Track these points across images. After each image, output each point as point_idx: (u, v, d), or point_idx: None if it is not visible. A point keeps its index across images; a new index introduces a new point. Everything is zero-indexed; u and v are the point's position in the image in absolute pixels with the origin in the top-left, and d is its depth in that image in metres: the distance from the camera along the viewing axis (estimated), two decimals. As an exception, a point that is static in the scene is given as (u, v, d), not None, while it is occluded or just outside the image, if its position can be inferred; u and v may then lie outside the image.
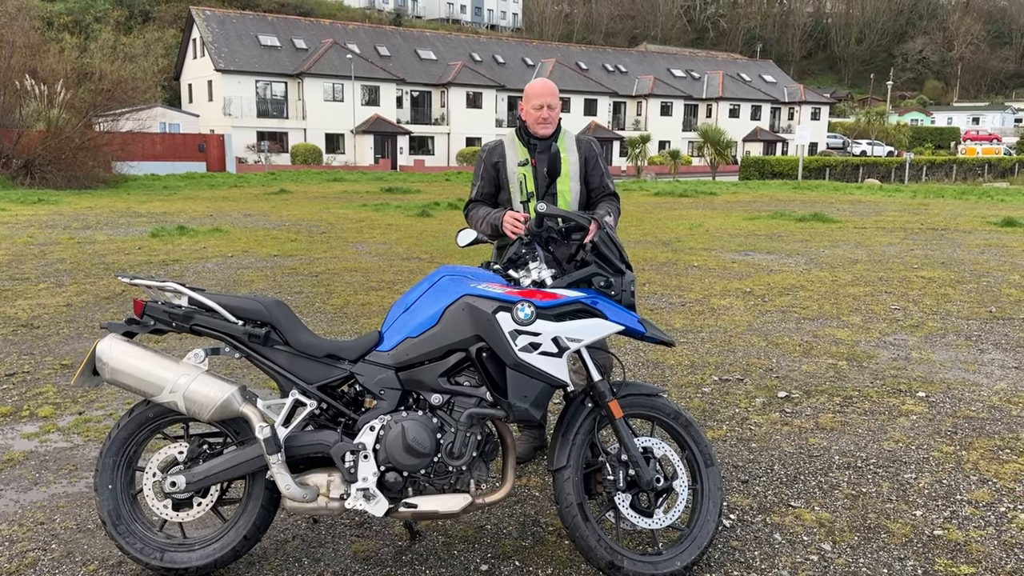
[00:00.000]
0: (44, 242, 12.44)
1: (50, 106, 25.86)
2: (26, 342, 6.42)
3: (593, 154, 3.86)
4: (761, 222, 16.47)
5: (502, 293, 2.94)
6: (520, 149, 3.81)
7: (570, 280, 3.06)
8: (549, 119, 3.73)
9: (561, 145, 3.81)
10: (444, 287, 3.02)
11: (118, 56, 47.21)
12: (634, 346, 6.48)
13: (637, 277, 9.54)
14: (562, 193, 3.78)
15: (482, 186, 3.88)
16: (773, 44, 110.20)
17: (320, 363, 3.01)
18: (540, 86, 3.76)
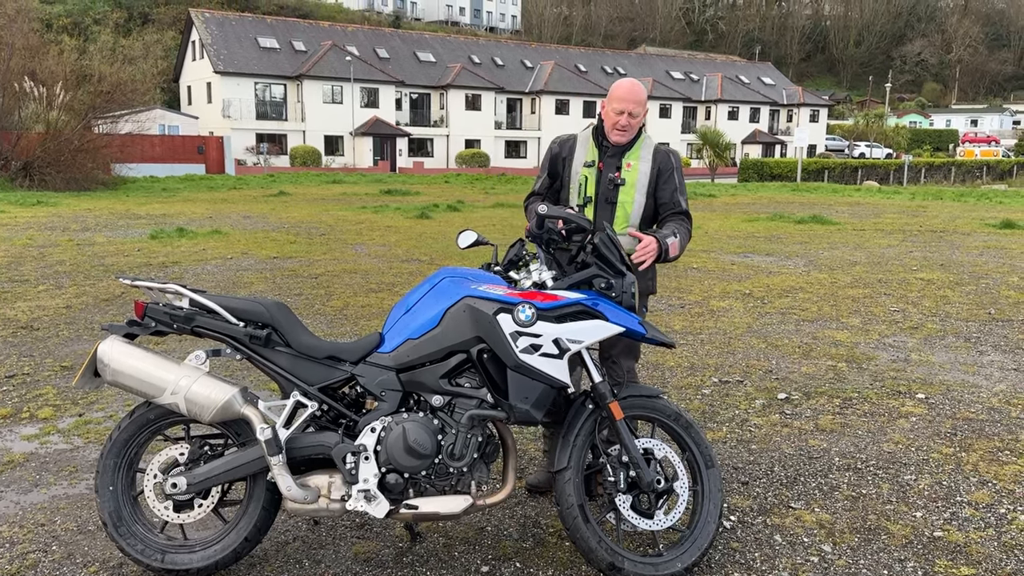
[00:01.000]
0: (43, 244, 12.43)
1: (49, 108, 25.88)
2: (26, 344, 6.42)
3: (669, 167, 3.56)
4: (760, 224, 16.49)
5: (503, 295, 2.94)
6: (591, 149, 3.58)
7: (571, 282, 3.06)
8: (628, 128, 3.49)
9: (635, 153, 3.55)
10: (445, 289, 3.03)
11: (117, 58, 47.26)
12: (634, 348, 6.48)
13: (636, 279, 9.54)
14: (623, 204, 3.52)
15: (545, 180, 3.68)
16: (772, 46, 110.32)
17: (321, 364, 3.01)
18: (625, 89, 3.49)
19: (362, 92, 48.15)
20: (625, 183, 3.54)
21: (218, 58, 45.96)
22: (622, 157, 3.58)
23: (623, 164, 3.57)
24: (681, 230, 3.52)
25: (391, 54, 52.85)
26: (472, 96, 52.59)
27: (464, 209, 19.57)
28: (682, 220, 3.59)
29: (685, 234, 3.53)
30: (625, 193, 3.55)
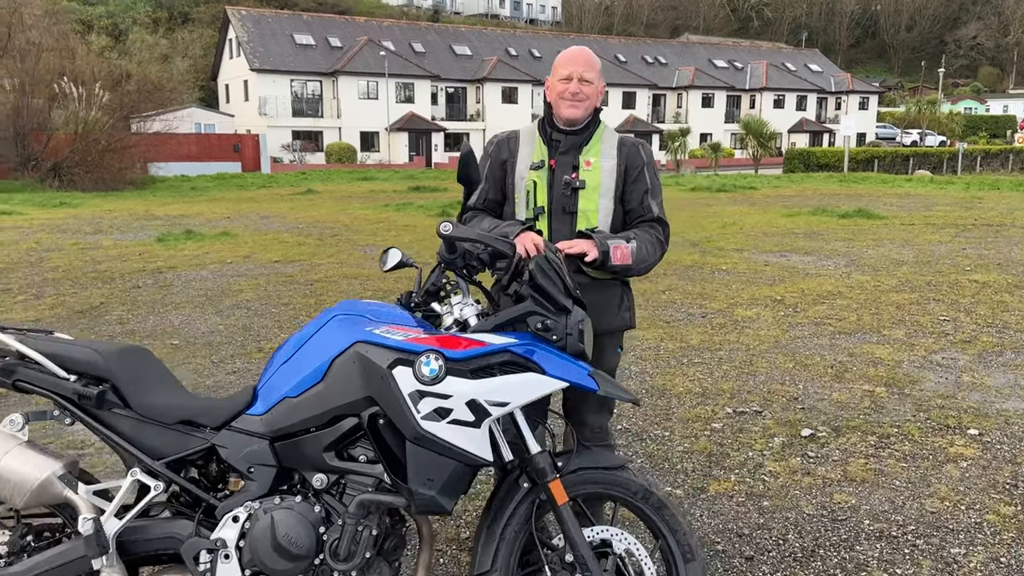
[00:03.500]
0: (48, 248, 12.06)
1: (88, 108, 25.82)
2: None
3: (638, 163, 2.84)
4: (801, 219, 15.48)
5: (402, 341, 2.23)
6: (538, 146, 2.85)
7: (499, 321, 2.33)
8: (580, 96, 2.76)
9: (595, 148, 2.83)
10: (334, 331, 2.32)
11: (155, 58, 47.58)
12: (639, 368, 5.71)
13: (656, 285, 8.75)
14: (585, 213, 2.77)
15: (486, 190, 2.90)
16: (819, 33, 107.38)
17: (172, 431, 2.33)
18: (571, 52, 2.83)
19: (397, 87, 47.72)
20: (585, 186, 2.79)
21: (254, 56, 45.90)
22: (579, 153, 2.83)
23: (581, 162, 2.82)
24: (644, 237, 2.78)
25: (427, 48, 52.32)
26: (508, 89, 51.83)
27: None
28: (650, 230, 2.84)
29: (651, 244, 2.78)
30: (586, 199, 2.80)
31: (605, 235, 2.71)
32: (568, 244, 2.63)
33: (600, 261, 2.64)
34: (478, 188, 2.58)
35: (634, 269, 2.73)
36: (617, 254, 2.67)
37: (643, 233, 2.80)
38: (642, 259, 2.73)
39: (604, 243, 2.65)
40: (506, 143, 2.94)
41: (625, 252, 2.68)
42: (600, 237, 2.66)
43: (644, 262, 2.75)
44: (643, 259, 2.74)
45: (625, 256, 2.68)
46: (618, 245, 2.68)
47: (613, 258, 2.66)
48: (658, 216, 2.86)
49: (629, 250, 2.70)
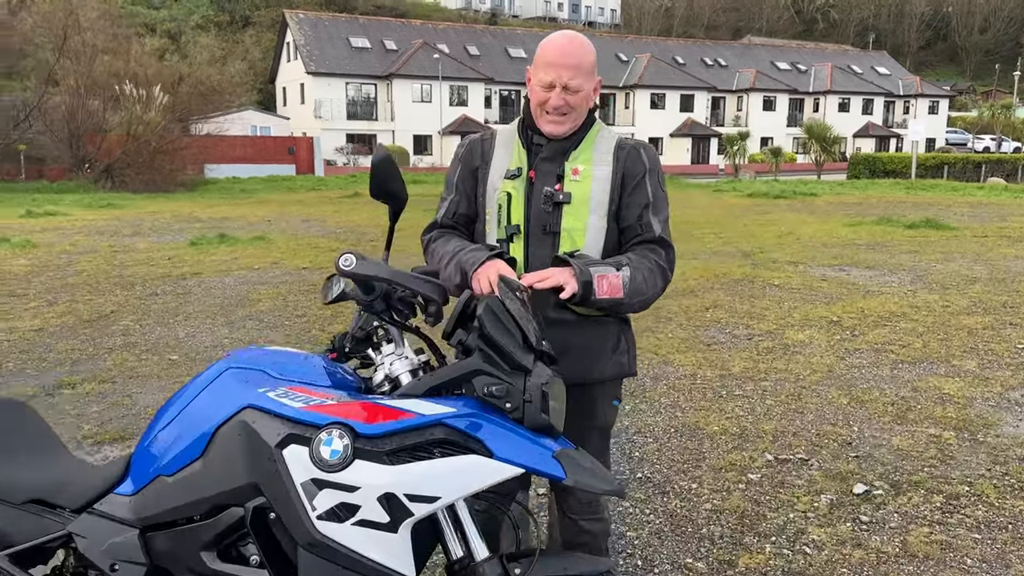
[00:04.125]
0: (81, 250, 11.91)
1: (146, 110, 26.08)
2: (-43, 379, 5.56)
3: (638, 170, 2.26)
4: (864, 229, 14.55)
5: (299, 409, 1.68)
6: (517, 151, 2.29)
7: (434, 383, 1.77)
8: (561, 109, 2.18)
9: (585, 153, 2.26)
10: (222, 390, 1.79)
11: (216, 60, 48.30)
12: (670, 400, 5.08)
13: (700, 300, 8.08)
14: (569, 233, 2.21)
15: (456, 202, 2.35)
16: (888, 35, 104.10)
17: (20, 513, 1.82)
18: (556, 47, 2.18)
19: (451, 90, 47.54)
20: (571, 200, 2.21)
21: (311, 59, 46.20)
22: (565, 159, 2.25)
23: (567, 170, 2.24)
24: (640, 263, 2.17)
25: (482, 51, 52.06)
26: (564, 92, 51.18)
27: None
28: (650, 251, 2.24)
29: (649, 271, 2.18)
30: (572, 215, 2.22)
31: (588, 260, 2.11)
32: (537, 276, 2.04)
33: (581, 295, 2.05)
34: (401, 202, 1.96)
35: (626, 304, 2.14)
36: (603, 285, 2.07)
37: (639, 258, 2.20)
38: (637, 291, 2.14)
39: (586, 272, 2.05)
40: (479, 146, 2.37)
41: (614, 282, 2.09)
42: (580, 264, 2.07)
43: (640, 295, 2.15)
44: (638, 291, 2.14)
45: (614, 288, 2.09)
46: (605, 274, 2.09)
47: (598, 291, 2.07)
48: (660, 236, 2.26)
49: (620, 280, 2.10)
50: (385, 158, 1.76)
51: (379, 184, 1.78)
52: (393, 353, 1.86)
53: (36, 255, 11.38)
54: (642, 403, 5.05)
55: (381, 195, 1.83)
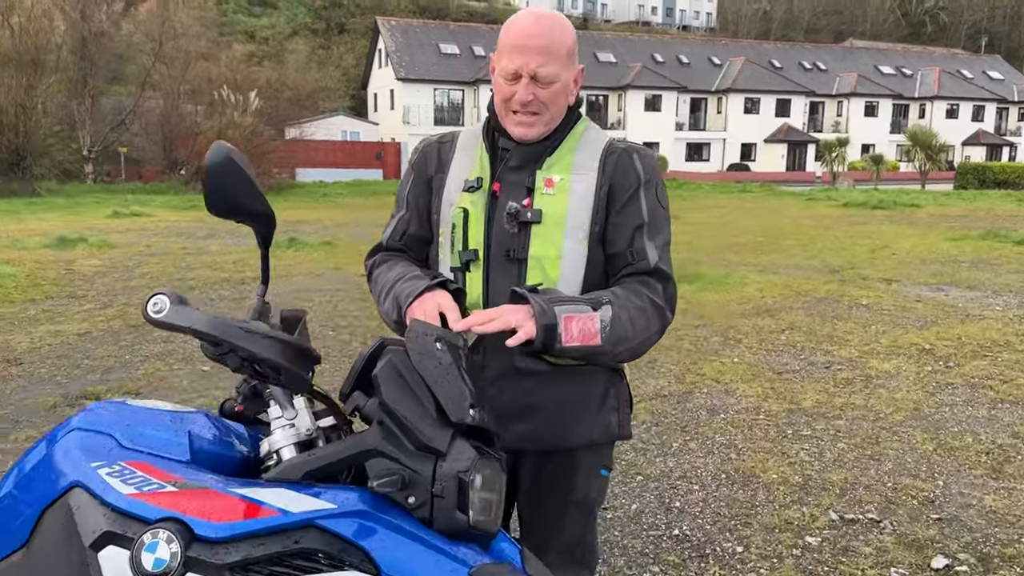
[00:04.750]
0: (154, 252, 12.04)
1: (242, 114, 26.73)
2: (-14, 385, 5.45)
3: (629, 183, 1.76)
4: (968, 244, 13.41)
5: (127, 495, 1.26)
6: (479, 158, 1.83)
7: (314, 466, 1.32)
8: (530, 106, 1.71)
9: (564, 158, 1.78)
10: (61, 458, 1.39)
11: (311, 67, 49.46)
12: (725, 438, 4.50)
13: (776, 321, 7.40)
14: (539, 261, 1.73)
15: (406, 219, 1.90)
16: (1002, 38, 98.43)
17: None
18: (521, 25, 1.71)
19: (540, 95, 47.24)
20: (542, 219, 1.73)
21: (400, 65, 46.69)
22: (538, 167, 1.77)
23: (538, 181, 1.76)
24: (627, 300, 1.67)
25: (572, 56, 51.59)
26: (652, 97, 50.20)
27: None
28: (642, 285, 1.73)
29: (638, 310, 1.67)
30: (543, 239, 1.73)
31: (555, 297, 1.62)
32: (482, 316, 1.57)
33: (542, 343, 1.56)
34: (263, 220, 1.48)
35: (607, 352, 1.64)
36: (572, 330, 1.58)
37: (627, 293, 1.70)
38: (620, 337, 1.64)
39: (548, 312, 1.56)
40: (434, 151, 1.91)
41: (588, 326, 1.59)
42: (543, 301, 1.58)
43: (625, 342, 1.65)
44: (622, 337, 1.64)
45: (588, 333, 1.59)
46: (576, 315, 1.59)
47: (565, 336, 1.57)
48: (656, 266, 1.75)
49: (596, 323, 1.60)
50: (224, 160, 1.31)
51: (220, 196, 1.34)
52: (286, 418, 1.42)
53: (110, 256, 11.54)
54: (693, 440, 4.49)
55: (227, 211, 1.39)
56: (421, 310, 1.61)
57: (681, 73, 52.81)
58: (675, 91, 50.52)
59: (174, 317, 1.22)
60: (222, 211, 1.37)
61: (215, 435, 1.48)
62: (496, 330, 1.54)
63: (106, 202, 21.04)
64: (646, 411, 4.99)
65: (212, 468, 1.42)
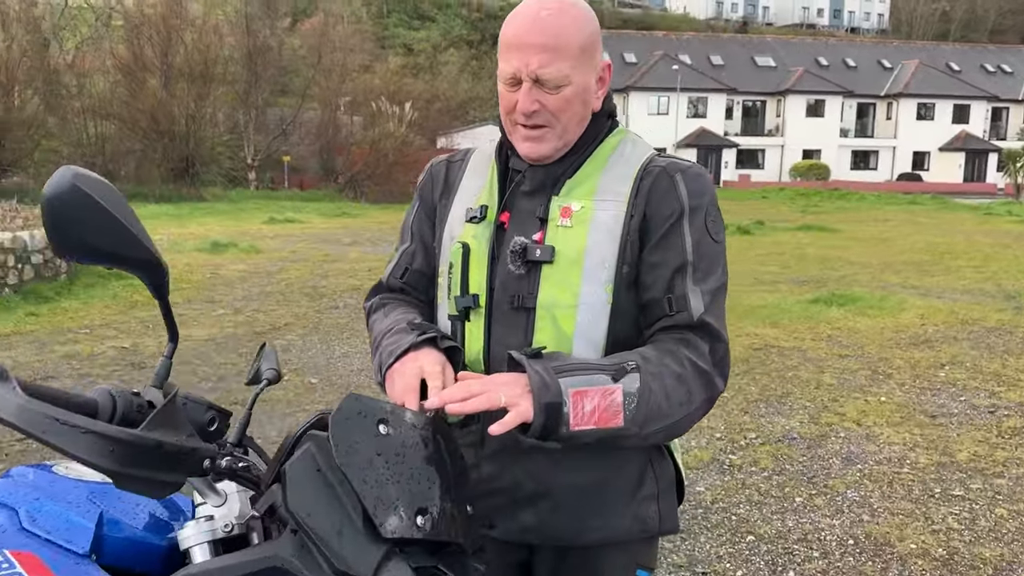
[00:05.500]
0: (297, 258, 12.45)
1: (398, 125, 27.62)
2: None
3: (669, 211, 1.37)
4: None
5: None
6: (489, 181, 1.48)
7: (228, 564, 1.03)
8: (536, 117, 1.34)
9: (588, 181, 1.41)
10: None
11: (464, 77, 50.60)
12: (859, 494, 3.91)
13: (935, 354, 6.58)
14: (549, 310, 1.36)
15: (410, 253, 1.57)
16: None
17: None
18: (521, 18, 1.33)
19: (689, 102, 46.06)
20: (555, 258, 1.36)
21: (552, 73, 46.89)
22: (554, 193, 1.41)
23: (553, 211, 1.39)
24: (663, 363, 1.28)
25: (726, 61, 50.01)
26: (814, 102, 47.80)
27: (758, 231, 16.80)
28: (682, 343, 1.33)
29: (677, 378, 1.28)
30: (556, 283, 1.36)
31: (563, 364, 1.24)
32: (461, 392, 1.20)
33: (543, 427, 1.19)
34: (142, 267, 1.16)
35: (633, 435, 1.25)
36: (584, 408, 1.19)
37: (661, 355, 1.29)
38: (654, 413, 1.24)
39: (552, 385, 1.19)
40: (442, 172, 1.57)
41: (607, 403, 1.20)
42: (546, 370, 1.21)
43: (660, 419, 1.26)
44: (656, 413, 1.25)
45: (607, 412, 1.20)
46: (588, 388, 1.20)
47: (574, 418, 1.19)
48: (701, 319, 1.33)
49: (618, 397, 1.21)
50: (67, 189, 1.00)
51: (63, 235, 1.03)
52: (203, 504, 1.15)
53: (254, 261, 12.00)
54: (820, 495, 3.93)
55: (80, 253, 1.09)
56: (401, 376, 1.29)
57: (847, 77, 50.00)
58: (840, 96, 47.89)
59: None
60: (71, 253, 1.09)
61: (143, 516, 1.23)
62: (475, 411, 1.19)
63: (264, 208, 22.17)
64: (769, 456, 4.45)
65: (125, 559, 1.17)
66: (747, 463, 4.36)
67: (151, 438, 0.92)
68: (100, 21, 29.20)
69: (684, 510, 3.78)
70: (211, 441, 1.11)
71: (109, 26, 29.38)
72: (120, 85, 24.96)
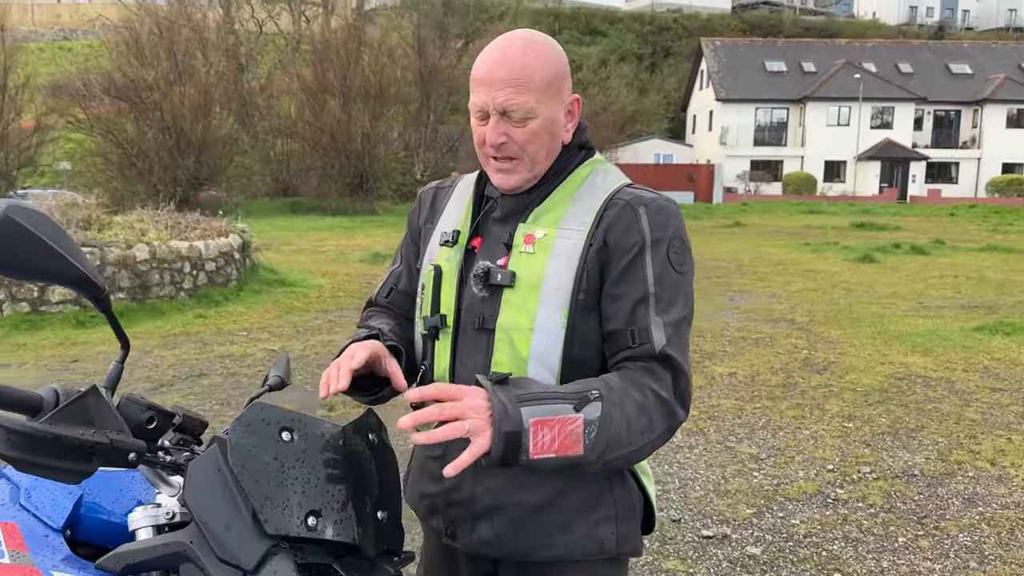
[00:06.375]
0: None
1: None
2: (251, 387, 6.11)
3: (630, 242, 1.41)
4: None
5: None
6: (466, 208, 1.58)
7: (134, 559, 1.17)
8: (503, 149, 1.42)
9: (557, 207, 1.47)
10: None
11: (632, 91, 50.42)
12: (970, 539, 3.60)
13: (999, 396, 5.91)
14: (508, 333, 1.43)
15: (398, 274, 1.70)
16: None
17: None
18: (489, 54, 1.43)
19: (873, 112, 43.41)
20: (515, 282, 1.43)
21: (721, 85, 45.75)
22: (521, 220, 1.48)
23: (518, 237, 1.46)
24: (626, 391, 1.32)
25: (916, 68, 46.76)
26: (1016, 112, 43.74)
27: (936, 252, 15.60)
28: (646, 374, 1.35)
29: (639, 407, 1.31)
30: (514, 306, 1.43)
31: (526, 393, 1.27)
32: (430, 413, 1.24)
33: (501, 456, 1.23)
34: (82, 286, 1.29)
35: (592, 462, 1.28)
36: (543, 438, 1.22)
37: (624, 384, 1.32)
38: (612, 442, 1.28)
39: (513, 415, 1.23)
40: (429, 199, 1.68)
41: (567, 431, 1.24)
42: (509, 399, 1.25)
43: (620, 447, 1.29)
44: (615, 441, 1.28)
45: (567, 440, 1.23)
46: (550, 418, 1.25)
47: (534, 448, 1.23)
48: (662, 352, 1.36)
49: (578, 426, 1.25)
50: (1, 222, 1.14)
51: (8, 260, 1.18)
52: (160, 494, 1.30)
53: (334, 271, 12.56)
54: (926, 537, 3.66)
55: (20, 275, 1.25)
56: (335, 368, 1.40)
57: (1057, 83, 45.39)
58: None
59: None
60: (11, 274, 1.26)
61: (125, 502, 1.40)
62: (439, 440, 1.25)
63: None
64: (880, 492, 4.19)
65: (97, 537, 1.35)
66: (854, 498, 4.13)
67: (49, 431, 1.07)
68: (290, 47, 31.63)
69: (771, 540, 3.65)
70: (150, 439, 1.25)
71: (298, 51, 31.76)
72: (304, 106, 26.89)
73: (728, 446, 4.89)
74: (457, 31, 33.22)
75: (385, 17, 34.35)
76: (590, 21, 66.69)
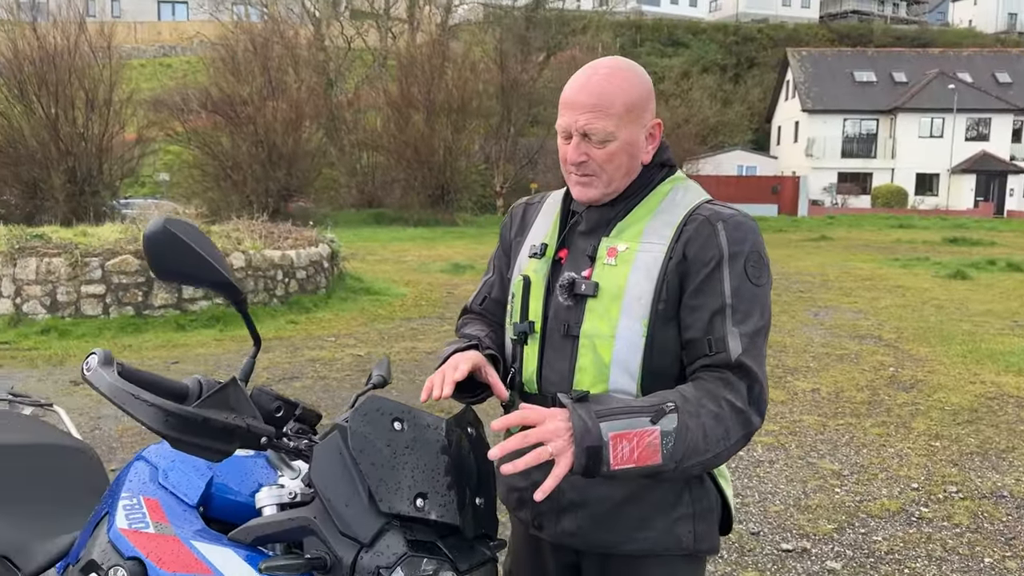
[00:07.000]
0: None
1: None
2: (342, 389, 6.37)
3: (708, 256, 1.49)
4: None
5: (117, 529, 1.40)
6: (554, 222, 1.70)
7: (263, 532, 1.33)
8: (584, 167, 1.54)
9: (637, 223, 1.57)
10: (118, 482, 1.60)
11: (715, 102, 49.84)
12: None
13: None
14: (591, 340, 1.54)
15: (491, 283, 1.85)
16: None
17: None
18: (575, 80, 1.55)
19: (968, 123, 41.78)
20: (598, 292, 1.54)
21: (808, 96, 44.79)
22: (605, 234, 1.59)
23: (602, 250, 1.58)
24: (702, 403, 1.40)
25: (1015, 78, 44.85)
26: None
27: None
28: (721, 383, 1.44)
29: (715, 417, 1.40)
30: (597, 315, 1.54)
31: (604, 409, 1.37)
32: (515, 443, 1.33)
33: (584, 469, 1.33)
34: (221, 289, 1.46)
35: (670, 470, 1.38)
36: (623, 451, 1.33)
37: (700, 394, 1.41)
38: (689, 451, 1.37)
39: (593, 431, 1.33)
40: (519, 213, 1.83)
41: (645, 443, 1.34)
42: (589, 415, 1.34)
43: (697, 455, 1.38)
44: (691, 450, 1.37)
45: (646, 451, 1.34)
46: (628, 431, 1.34)
47: (614, 459, 1.33)
48: (738, 360, 1.44)
49: (656, 438, 1.35)
50: (160, 231, 1.33)
51: (158, 264, 1.37)
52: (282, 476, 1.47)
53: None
54: (1015, 559, 3.60)
55: (172, 277, 1.43)
56: (441, 375, 1.55)
57: None
58: None
59: (92, 378, 1.32)
60: (166, 277, 1.45)
61: (250, 483, 1.57)
62: (525, 468, 1.34)
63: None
64: (967, 512, 4.11)
65: (226, 514, 1.52)
66: (939, 517, 4.07)
67: (199, 414, 1.23)
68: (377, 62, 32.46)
69: (852, 556, 3.64)
70: (277, 426, 1.41)
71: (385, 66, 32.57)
72: (390, 120, 27.56)
73: (810, 462, 4.87)
74: (539, 44, 33.48)
75: (469, 32, 34.91)
76: (672, 32, 66.12)
